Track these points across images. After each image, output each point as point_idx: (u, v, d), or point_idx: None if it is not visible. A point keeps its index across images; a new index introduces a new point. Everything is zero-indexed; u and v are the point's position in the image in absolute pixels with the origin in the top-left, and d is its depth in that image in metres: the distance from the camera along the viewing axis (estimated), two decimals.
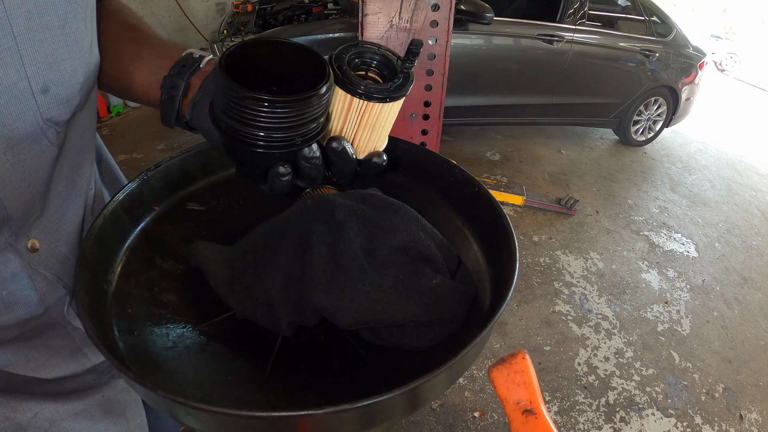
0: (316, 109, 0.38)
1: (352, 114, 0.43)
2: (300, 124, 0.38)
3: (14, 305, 0.44)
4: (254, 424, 0.33)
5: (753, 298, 2.77)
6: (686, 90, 4.42)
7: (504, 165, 3.90)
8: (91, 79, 0.46)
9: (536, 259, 2.78)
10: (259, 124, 0.37)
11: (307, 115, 0.38)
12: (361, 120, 0.44)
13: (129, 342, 0.43)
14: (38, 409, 0.48)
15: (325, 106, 0.39)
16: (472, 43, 3.38)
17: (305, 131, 0.39)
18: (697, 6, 14.01)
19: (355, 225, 0.48)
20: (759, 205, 3.93)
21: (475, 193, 0.55)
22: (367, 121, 0.44)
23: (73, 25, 0.40)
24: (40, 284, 0.46)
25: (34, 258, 0.45)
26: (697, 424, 1.95)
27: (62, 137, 0.44)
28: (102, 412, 0.54)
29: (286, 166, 0.40)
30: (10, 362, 0.47)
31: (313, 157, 0.40)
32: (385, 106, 0.43)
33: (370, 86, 0.42)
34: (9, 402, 0.46)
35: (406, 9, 0.85)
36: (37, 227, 0.45)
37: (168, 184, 0.57)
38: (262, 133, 0.38)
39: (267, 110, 0.36)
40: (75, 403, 0.51)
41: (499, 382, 0.39)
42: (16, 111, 0.37)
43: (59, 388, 0.51)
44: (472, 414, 1.83)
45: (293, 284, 0.45)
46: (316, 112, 0.39)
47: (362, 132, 0.45)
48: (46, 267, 0.47)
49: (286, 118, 0.37)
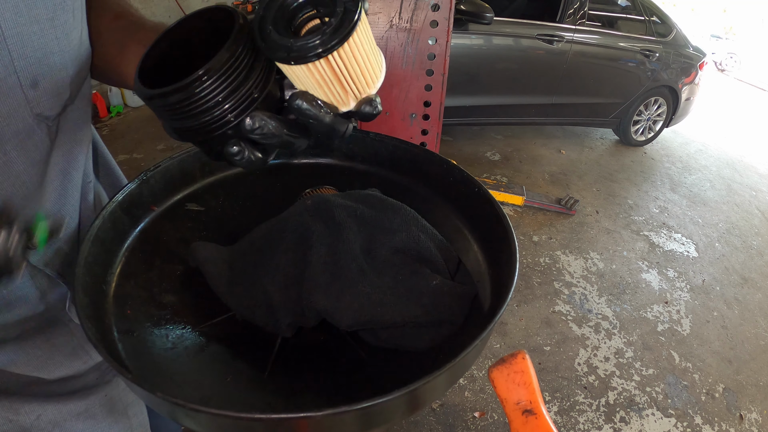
0: (227, 81, 0.33)
1: (318, 76, 0.35)
2: (216, 102, 0.33)
3: (15, 303, 0.44)
4: (253, 426, 0.33)
5: (753, 298, 2.77)
6: (686, 90, 4.42)
7: (504, 165, 3.89)
8: (83, 72, 0.45)
9: (536, 259, 2.78)
10: (173, 117, 0.35)
11: (218, 90, 0.33)
12: (334, 75, 0.35)
13: (128, 343, 0.43)
14: (41, 411, 0.48)
15: (241, 70, 0.34)
16: (472, 43, 3.38)
17: (233, 105, 0.34)
18: (697, 6, 14.00)
19: (354, 225, 0.48)
20: (759, 205, 3.93)
21: (475, 193, 0.55)
22: (340, 71, 0.35)
23: (62, 18, 0.39)
24: (40, 282, 0.46)
25: (34, 255, 0.45)
26: (697, 424, 1.95)
27: (54, 131, 0.43)
28: (104, 411, 0.53)
29: (235, 146, 0.36)
30: (12, 361, 0.47)
31: (256, 128, 0.35)
32: (346, 46, 0.33)
33: (296, 43, 0.33)
34: (12, 404, 0.46)
35: (406, 9, 0.84)
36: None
37: (167, 184, 0.57)
38: (177, 124, 0.35)
39: (165, 103, 0.34)
40: (77, 403, 0.51)
41: (499, 382, 0.39)
42: (6, 107, 0.37)
43: (62, 389, 0.51)
44: (472, 414, 1.82)
45: (293, 285, 0.45)
46: (230, 83, 0.33)
47: (342, 84, 0.36)
48: (47, 264, 0.46)
49: (190, 103, 0.33)
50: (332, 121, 0.37)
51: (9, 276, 0.31)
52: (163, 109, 0.34)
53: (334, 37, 0.32)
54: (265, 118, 0.35)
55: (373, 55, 0.37)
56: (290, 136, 0.37)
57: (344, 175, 0.64)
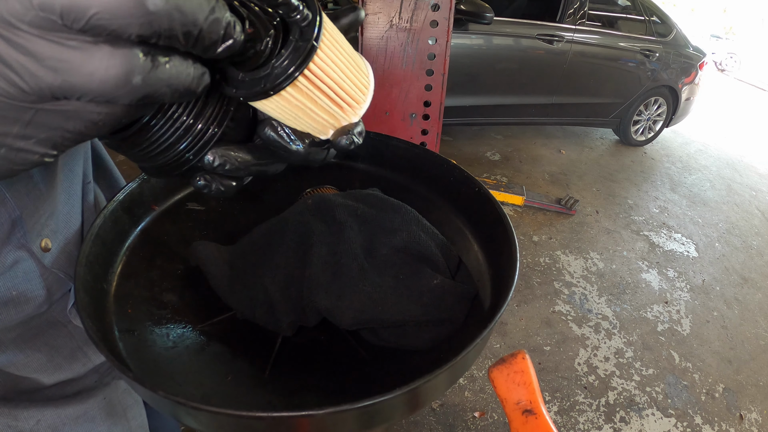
0: (176, 122, 0.30)
1: (297, 102, 0.29)
2: (170, 144, 0.31)
3: (22, 302, 0.44)
4: (254, 425, 0.33)
5: (753, 298, 2.77)
6: (686, 90, 4.43)
7: (504, 165, 3.90)
8: None
9: (536, 259, 2.78)
10: (136, 159, 0.33)
11: (168, 134, 0.30)
12: (310, 98, 0.30)
13: (129, 342, 0.43)
14: (40, 416, 0.48)
15: (191, 108, 0.30)
16: (472, 43, 3.38)
17: (189, 144, 0.31)
18: (697, 6, 14.02)
19: (355, 225, 0.48)
20: (759, 205, 3.93)
21: (475, 193, 0.55)
22: (313, 92, 0.29)
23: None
24: (50, 283, 0.46)
25: (47, 257, 0.45)
26: (697, 424, 1.95)
27: None
28: (103, 414, 0.53)
29: (200, 180, 0.34)
30: (11, 362, 0.47)
31: (216, 165, 0.32)
32: (320, 54, 0.28)
33: (260, 75, 0.28)
34: (11, 411, 0.46)
35: (406, 9, 0.85)
36: (49, 226, 0.45)
37: (168, 184, 0.57)
38: (143, 164, 0.33)
39: (121, 149, 0.32)
40: (76, 406, 0.51)
41: (499, 382, 0.39)
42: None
43: (60, 393, 0.51)
44: (472, 414, 1.83)
45: (293, 284, 0.45)
46: (180, 125, 0.30)
47: (319, 106, 0.31)
48: (58, 266, 0.46)
49: (144, 149, 0.31)
50: (306, 151, 0.34)
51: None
52: (127, 154, 0.32)
53: (301, 50, 0.27)
54: (227, 153, 0.32)
55: (353, 60, 0.32)
56: (260, 165, 0.34)
57: (345, 175, 0.64)
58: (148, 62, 0.21)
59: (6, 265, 0.41)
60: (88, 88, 0.20)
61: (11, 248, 0.41)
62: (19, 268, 0.42)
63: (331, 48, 0.29)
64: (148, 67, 0.21)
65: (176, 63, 0.22)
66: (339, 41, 0.30)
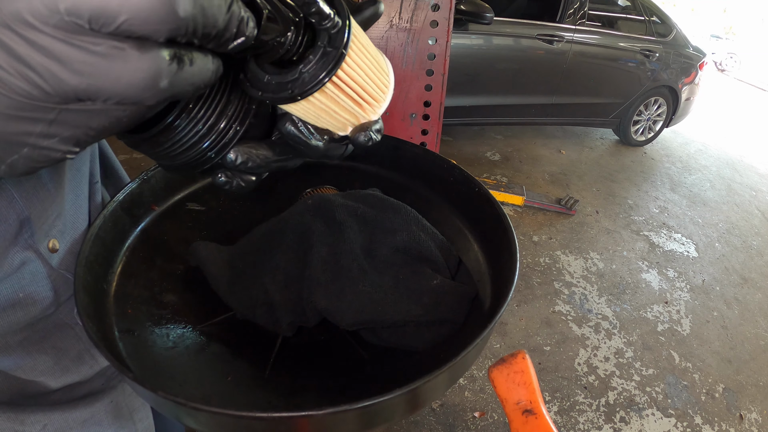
0: (200, 121, 0.31)
1: (321, 105, 0.30)
2: (193, 143, 0.31)
3: (30, 306, 0.44)
4: (254, 425, 0.33)
5: (753, 298, 2.77)
6: (686, 90, 4.43)
7: (504, 165, 3.90)
8: None
9: (536, 259, 2.78)
10: (157, 158, 0.33)
11: (192, 133, 0.31)
12: (336, 98, 0.30)
13: (129, 342, 0.43)
14: (46, 421, 0.47)
15: (215, 107, 0.31)
16: (472, 43, 3.38)
17: (212, 143, 0.32)
18: (697, 6, 14.02)
19: (355, 225, 0.48)
20: (759, 205, 3.93)
21: (475, 193, 0.55)
22: (338, 95, 0.30)
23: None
24: (57, 284, 0.46)
25: (54, 258, 0.45)
26: (697, 424, 1.95)
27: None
28: (110, 417, 0.53)
29: (222, 176, 0.34)
30: (18, 365, 0.46)
31: (239, 163, 0.33)
32: (348, 60, 0.28)
33: (274, 79, 0.28)
34: (17, 416, 0.46)
35: (406, 9, 0.85)
36: (57, 226, 0.45)
37: (168, 184, 0.57)
38: (164, 162, 0.33)
39: (144, 149, 0.32)
40: (83, 410, 0.51)
41: (499, 382, 0.39)
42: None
43: (67, 396, 0.51)
44: (472, 414, 1.83)
45: (293, 284, 0.45)
46: (204, 123, 0.31)
47: (341, 107, 0.31)
48: (66, 267, 0.46)
49: (166, 148, 0.31)
50: (325, 147, 0.34)
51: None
52: (147, 153, 0.33)
53: (330, 56, 0.27)
54: (249, 151, 0.33)
55: (377, 61, 0.32)
56: (280, 161, 0.35)
57: (345, 175, 0.64)
58: (174, 65, 0.20)
59: (13, 266, 0.41)
60: (115, 92, 0.19)
61: (19, 249, 0.41)
62: (27, 270, 0.42)
63: (358, 52, 0.29)
64: (174, 69, 0.21)
65: (198, 61, 0.22)
66: (365, 44, 0.30)
